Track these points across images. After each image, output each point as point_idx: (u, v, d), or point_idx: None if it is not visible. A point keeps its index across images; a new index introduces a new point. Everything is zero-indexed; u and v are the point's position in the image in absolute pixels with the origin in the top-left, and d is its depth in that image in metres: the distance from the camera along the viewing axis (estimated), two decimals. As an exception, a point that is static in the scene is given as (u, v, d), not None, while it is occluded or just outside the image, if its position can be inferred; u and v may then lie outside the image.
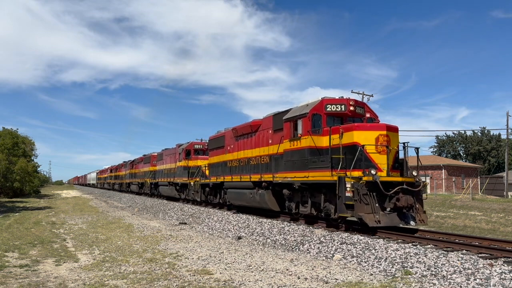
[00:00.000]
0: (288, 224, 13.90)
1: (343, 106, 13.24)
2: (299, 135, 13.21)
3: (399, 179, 11.66)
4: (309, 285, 7.17)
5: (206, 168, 23.27)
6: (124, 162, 54.13)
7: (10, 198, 38.77)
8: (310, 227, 12.86)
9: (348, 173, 11.36)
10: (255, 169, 16.76)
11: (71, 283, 7.45)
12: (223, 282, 7.38)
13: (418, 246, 9.36)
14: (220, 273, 8.17)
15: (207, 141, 25.67)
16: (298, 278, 7.68)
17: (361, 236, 10.91)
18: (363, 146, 11.39)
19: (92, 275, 8.06)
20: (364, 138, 11.67)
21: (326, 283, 7.31)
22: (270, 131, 15.80)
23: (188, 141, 28.48)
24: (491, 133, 74.35)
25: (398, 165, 12.33)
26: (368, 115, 13.87)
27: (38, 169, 53.16)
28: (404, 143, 12.73)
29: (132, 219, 19.94)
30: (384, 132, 11.77)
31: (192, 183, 25.02)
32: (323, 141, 12.73)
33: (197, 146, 27.41)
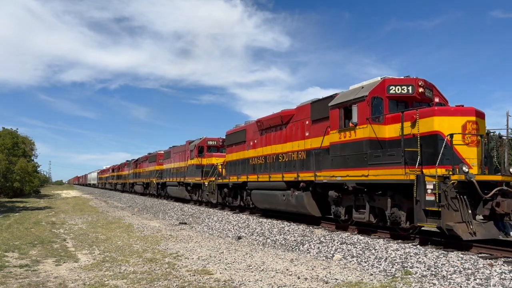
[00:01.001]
0: (288, 224, 13.89)
1: (410, 88, 10.83)
2: (352, 124, 10.93)
3: (498, 177, 9.33)
4: (309, 285, 7.17)
5: (222, 166, 21.32)
6: (127, 161, 52.14)
7: (10, 198, 38.76)
8: (310, 227, 12.86)
9: (427, 170, 9.23)
10: (287, 167, 14.60)
11: (71, 283, 7.45)
12: (223, 282, 7.38)
13: (418, 246, 9.35)
14: (220, 273, 8.17)
15: (222, 137, 24.20)
16: (298, 278, 7.67)
17: (361, 236, 10.90)
18: (450, 135, 8.94)
19: (92, 275, 8.06)
20: (448, 125, 9.33)
21: (326, 283, 7.31)
22: (307, 122, 13.57)
23: (201, 137, 25.97)
24: (491, 133, 74.35)
25: (487, 160, 10.00)
26: (437, 99, 11.40)
27: (38, 169, 53.19)
28: (488, 132, 10.30)
29: (132, 219, 19.94)
30: (473, 119, 9.44)
31: (206, 183, 22.54)
32: (386, 131, 10.59)
33: (210, 143, 25.02)
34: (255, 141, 17.37)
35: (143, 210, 26.24)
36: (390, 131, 10.54)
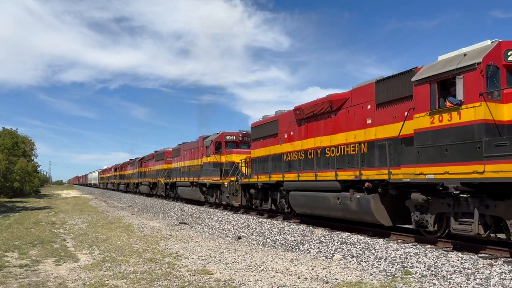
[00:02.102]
0: (288, 224, 13.89)
1: None
2: (450, 104, 8.58)
3: None
4: (309, 285, 7.17)
5: (244, 164, 18.97)
6: (131, 159, 49.87)
7: (10, 198, 38.76)
8: (310, 227, 12.85)
9: None
10: (340, 164, 12.06)
11: (71, 283, 7.45)
12: (223, 282, 7.38)
13: (418, 246, 9.36)
14: (220, 273, 8.17)
15: (242, 131, 22.31)
16: (298, 278, 7.68)
17: (361, 236, 10.90)
18: None
19: (92, 275, 8.06)
20: None
21: (326, 283, 7.31)
22: (369, 106, 11.14)
23: (217, 131, 23.03)
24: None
25: None
26: None
27: (38, 169, 53.11)
28: None
29: (132, 219, 19.94)
30: None
31: (226, 183, 19.74)
32: (504, 112, 8.16)
33: (229, 137, 22.07)
34: (291, 133, 14.83)
35: (143, 210, 26.24)
36: (511, 111, 8.05)
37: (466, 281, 6.80)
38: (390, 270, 7.98)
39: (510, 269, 7.01)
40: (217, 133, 22.59)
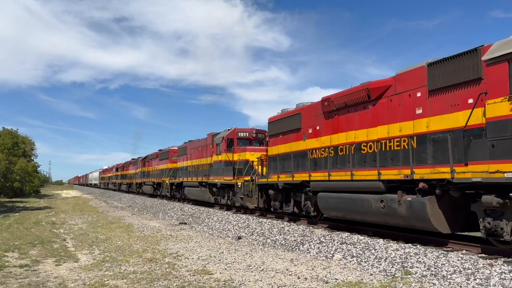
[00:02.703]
0: (288, 224, 13.89)
1: None
2: None
3: None
4: (309, 285, 7.17)
5: (259, 162, 17.62)
6: (133, 159, 48.55)
7: (10, 198, 38.78)
8: (310, 227, 12.85)
9: None
10: (383, 160, 10.49)
11: (71, 283, 7.45)
12: (223, 282, 7.38)
13: (418, 246, 9.36)
14: (220, 273, 8.17)
15: (256, 128, 20.71)
16: (298, 278, 7.68)
17: (361, 236, 10.90)
18: None
19: (92, 275, 8.06)
20: None
21: (326, 283, 7.31)
22: (419, 94, 9.58)
23: (229, 128, 21.30)
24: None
25: None
26: None
27: (38, 169, 53.09)
28: None
29: (132, 219, 19.95)
30: None
31: (239, 183, 18.24)
32: None
33: (241, 134, 20.49)
34: (318, 128, 13.34)
35: (143, 210, 26.25)
36: None
37: (466, 281, 6.80)
38: (390, 270, 7.98)
39: (510, 269, 7.01)
40: (229, 130, 20.89)
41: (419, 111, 9.66)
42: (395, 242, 9.95)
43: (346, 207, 11.60)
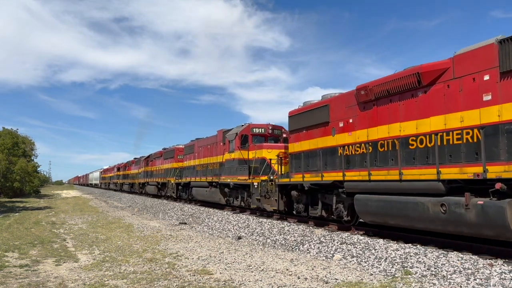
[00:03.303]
0: (288, 224, 13.89)
1: None
2: None
3: None
4: (309, 285, 7.17)
5: (278, 160, 16.12)
6: (135, 158, 46.96)
7: (10, 198, 38.78)
8: (310, 227, 12.85)
9: None
10: (441, 157, 9.02)
11: (71, 283, 7.46)
12: (223, 282, 7.38)
13: (418, 246, 9.36)
14: (220, 273, 8.17)
15: (272, 123, 19.14)
16: (298, 278, 7.68)
17: (361, 236, 10.90)
18: None
19: (92, 275, 8.06)
20: None
21: (326, 283, 7.31)
22: (487, 77, 8.26)
23: (243, 123, 19.66)
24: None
25: None
26: None
27: (38, 169, 53.11)
28: None
29: (132, 219, 19.94)
30: None
31: (256, 183, 16.77)
32: None
33: (257, 130, 18.88)
34: (350, 121, 11.96)
35: (143, 210, 26.25)
36: None
37: (466, 281, 6.80)
38: (390, 270, 7.99)
39: (510, 269, 7.01)
40: (242, 125, 19.36)
41: (487, 98, 8.26)
42: (395, 242, 9.96)
43: (392, 211, 9.99)
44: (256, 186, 16.76)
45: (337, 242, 10.43)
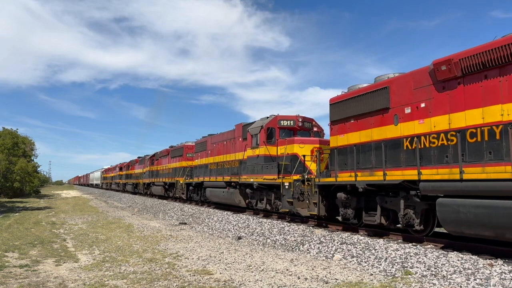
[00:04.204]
0: (288, 224, 13.88)
1: None
2: None
3: None
4: (309, 285, 7.17)
5: (315, 157, 14.11)
6: (139, 157, 45.24)
7: (10, 198, 38.80)
8: (310, 227, 12.85)
9: None
10: None
11: (71, 283, 7.46)
12: (223, 282, 7.38)
13: (418, 246, 9.36)
14: (220, 273, 8.17)
15: (301, 115, 16.89)
16: (298, 278, 7.68)
17: (361, 236, 10.90)
18: None
19: (92, 275, 8.06)
20: None
21: (326, 283, 7.31)
22: None
23: (267, 115, 17.46)
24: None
25: None
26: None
27: (38, 169, 53.14)
28: None
29: (132, 219, 19.94)
30: None
31: (287, 183, 14.49)
32: None
33: (285, 123, 16.57)
34: (422, 105, 9.69)
35: (143, 210, 26.24)
36: None
37: (466, 281, 6.80)
38: (390, 270, 7.99)
39: (510, 269, 7.01)
40: (268, 117, 17.12)
41: None
42: (395, 242, 9.96)
43: (501, 222, 7.59)
44: (287, 187, 14.46)
45: (337, 242, 10.42)
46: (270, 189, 16.18)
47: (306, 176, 13.67)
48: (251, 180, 17.00)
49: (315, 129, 16.84)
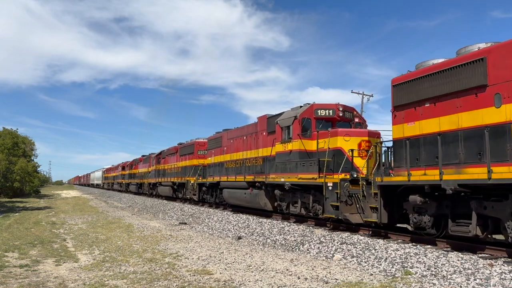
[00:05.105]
0: (288, 224, 13.87)
1: None
2: None
3: None
4: (309, 285, 7.17)
5: (372, 151, 11.97)
6: (144, 155, 43.33)
7: (10, 198, 38.80)
8: (310, 227, 12.84)
9: None
10: None
11: (71, 283, 7.45)
12: (223, 282, 7.38)
13: (418, 246, 9.36)
14: (220, 273, 8.17)
15: (341, 103, 14.33)
16: (298, 278, 7.68)
17: (361, 236, 10.90)
18: None
19: (92, 275, 8.06)
20: None
21: (326, 283, 7.31)
22: None
23: (304, 103, 14.98)
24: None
25: None
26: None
27: (38, 169, 53.16)
28: None
29: (132, 219, 19.94)
30: None
31: (330, 183, 12.19)
32: None
33: (323, 112, 14.11)
34: None
35: (143, 210, 26.24)
36: None
37: (466, 281, 6.80)
38: (390, 270, 7.99)
39: (510, 269, 7.01)
40: (301, 107, 14.80)
41: None
42: (395, 242, 9.96)
43: None
44: (331, 188, 12.19)
45: (337, 242, 10.42)
46: (306, 191, 13.70)
47: (355, 175, 11.78)
48: (282, 179, 14.60)
49: (356, 119, 14.45)
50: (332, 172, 12.53)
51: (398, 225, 11.30)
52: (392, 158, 10.77)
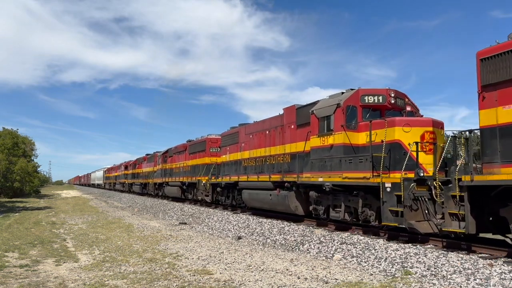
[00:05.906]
0: (288, 224, 13.88)
1: None
2: None
3: None
4: (309, 285, 7.17)
5: (436, 145, 10.36)
6: (148, 154, 41.35)
7: (10, 198, 38.82)
8: (310, 227, 12.84)
9: None
10: None
11: (71, 283, 7.46)
12: (223, 282, 7.38)
13: (418, 246, 9.36)
14: (220, 273, 8.17)
15: (391, 89, 12.02)
16: (298, 278, 7.68)
17: (361, 236, 10.90)
18: None
19: (92, 275, 8.06)
20: None
21: (326, 283, 7.31)
22: None
23: (346, 88, 12.71)
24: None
25: None
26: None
27: (38, 169, 53.18)
28: None
29: (132, 219, 19.95)
30: None
31: (389, 184, 10.13)
32: None
33: (370, 99, 11.90)
34: None
35: (143, 210, 26.25)
36: None
37: (466, 281, 6.80)
38: (390, 270, 7.99)
39: (510, 269, 7.01)
40: (343, 93, 12.62)
41: None
42: (395, 242, 9.96)
43: None
44: (389, 190, 10.08)
45: (337, 242, 10.42)
46: (352, 193, 11.76)
47: (422, 174, 9.80)
48: (320, 179, 12.43)
49: (408, 108, 12.28)
50: (387, 169, 10.54)
51: (480, 235, 9.17)
52: (481, 152, 8.43)
